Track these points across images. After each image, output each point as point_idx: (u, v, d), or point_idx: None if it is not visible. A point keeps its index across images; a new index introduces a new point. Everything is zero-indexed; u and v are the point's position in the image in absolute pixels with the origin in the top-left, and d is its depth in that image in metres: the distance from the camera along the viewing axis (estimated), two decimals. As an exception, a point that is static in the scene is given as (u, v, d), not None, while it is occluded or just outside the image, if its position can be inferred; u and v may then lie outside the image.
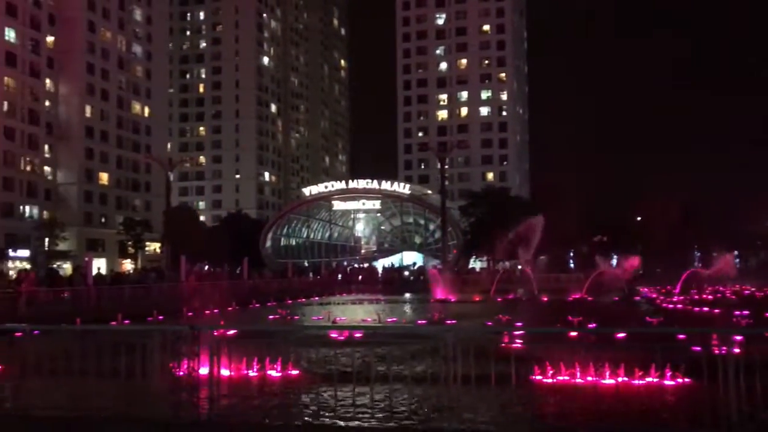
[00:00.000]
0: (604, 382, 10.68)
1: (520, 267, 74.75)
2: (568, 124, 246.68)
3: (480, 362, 9.26)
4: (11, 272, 49.67)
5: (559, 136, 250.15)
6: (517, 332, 13.70)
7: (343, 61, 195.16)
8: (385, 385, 9.26)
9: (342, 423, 8.45)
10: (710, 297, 38.40)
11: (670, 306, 33.04)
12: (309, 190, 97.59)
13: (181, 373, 8.52)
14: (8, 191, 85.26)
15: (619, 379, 10.81)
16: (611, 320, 25.05)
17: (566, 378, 11.07)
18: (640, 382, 10.90)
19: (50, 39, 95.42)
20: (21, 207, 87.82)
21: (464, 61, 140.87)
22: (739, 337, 8.88)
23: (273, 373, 11.99)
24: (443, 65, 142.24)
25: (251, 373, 11.88)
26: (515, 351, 10.41)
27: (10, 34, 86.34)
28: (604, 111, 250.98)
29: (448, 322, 24.44)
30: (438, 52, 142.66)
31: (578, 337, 11.74)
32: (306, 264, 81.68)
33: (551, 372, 11.26)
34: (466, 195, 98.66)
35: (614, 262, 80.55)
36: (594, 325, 18.77)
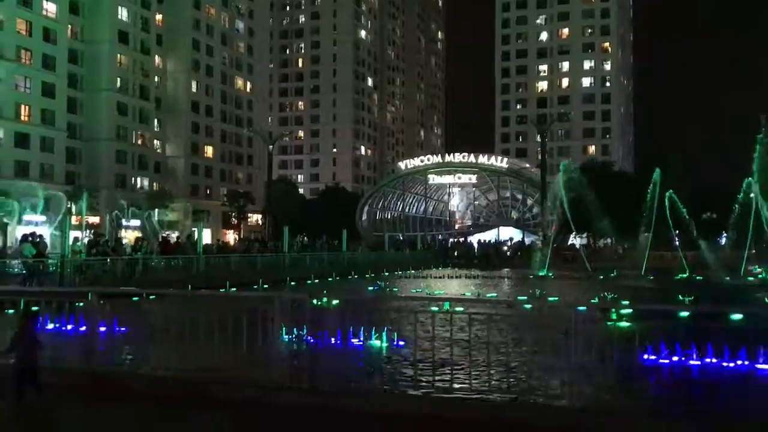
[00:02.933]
0: (724, 364, 10.18)
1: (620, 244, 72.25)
2: (676, 94, 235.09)
3: (587, 340, 9.00)
4: (125, 240, 52.53)
5: (667, 108, 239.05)
6: (624, 310, 13.18)
7: (440, 34, 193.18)
8: (496, 359, 9.17)
9: (451, 395, 8.43)
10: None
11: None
12: (404, 164, 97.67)
13: (293, 340, 8.75)
14: (121, 164, 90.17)
15: (741, 362, 10.26)
16: (723, 300, 23.83)
17: (681, 358, 10.64)
18: (766, 366, 10.29)
19: (159, 17, 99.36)
20: (133, 179, 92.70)
21: (566, 31, 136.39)
22: None
23: (377, 342, 12.16)
24: (544, 35, 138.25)
25: (356, 342, 12.09)
26: (624, 329, 10.07)
27: (123, 13, 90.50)
28: (716, 81, 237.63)
29: (550, 298, 23.98)
30: (538, 21, 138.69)
31: (691, 316, 11.21)
32: (401, 237, 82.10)
33: (666, 352, 10.84)
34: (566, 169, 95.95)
35: (723, 240, 76.37)
36: (706, 305, 17.91)
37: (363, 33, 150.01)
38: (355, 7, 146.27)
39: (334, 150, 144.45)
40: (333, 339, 10.84)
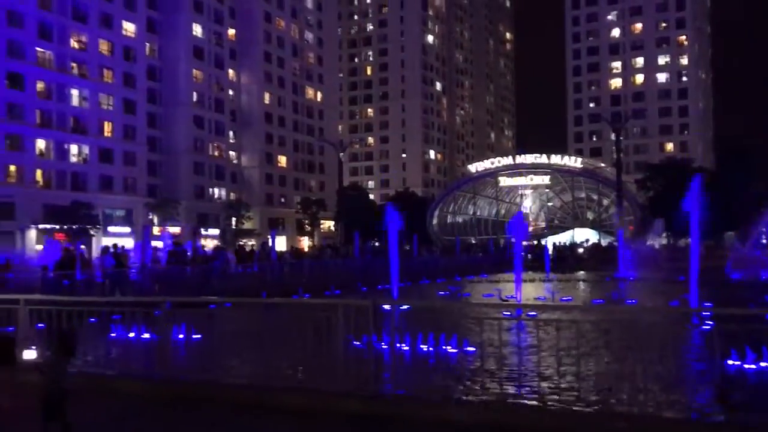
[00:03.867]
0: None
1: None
2: (758, 86, 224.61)
3: (668, 344, 8.66)
4: (206, 249, 54.07)
5: (749, 100, 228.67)
6: (705, 313, 12.65)
7: (508, 34, 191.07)
8: (568, 366, 8.91)
9: (522, 403, 8.24)
10: None
11: None
12: (475, 167, 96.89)
13: (362, 347, 8.75)
14: (199, 175, 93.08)
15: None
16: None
17: (769, 364, 10.09)
18: None
19: (231, 31, 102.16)
20: (210, 189, 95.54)
21: (639, 25, 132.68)
22: None
23: (449, 348, 12.02)
24: (616, 31, 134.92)
25: (425, 348, 12.00)
26: (706, 333, 9.64)
27: (197, 30, 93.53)
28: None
29: (628, 301, 23.26)
30: (610, 17, 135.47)
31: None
32: (473, 241, 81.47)
33: (752, 357, 10.30)
34: (643, 167, 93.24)
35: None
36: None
37: (430, 38, 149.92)
38: (421, 12, 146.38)
39: (404, 155, 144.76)
40: (401, 345, 10.79)
